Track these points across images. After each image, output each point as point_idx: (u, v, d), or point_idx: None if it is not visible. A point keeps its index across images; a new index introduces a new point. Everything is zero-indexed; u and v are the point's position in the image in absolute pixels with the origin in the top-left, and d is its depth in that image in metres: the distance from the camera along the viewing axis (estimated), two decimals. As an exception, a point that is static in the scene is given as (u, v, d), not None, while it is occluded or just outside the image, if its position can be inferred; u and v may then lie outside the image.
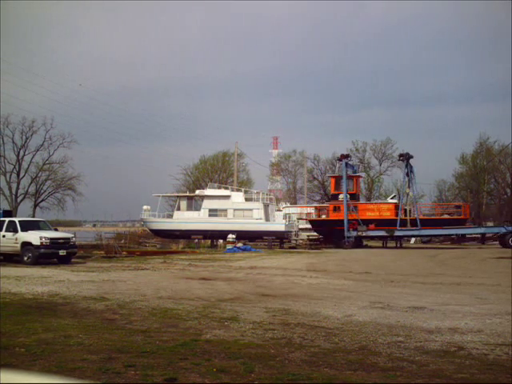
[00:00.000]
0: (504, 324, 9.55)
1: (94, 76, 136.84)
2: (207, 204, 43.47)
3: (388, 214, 41.48)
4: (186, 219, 43.06)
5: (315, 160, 68.86)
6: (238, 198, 44.62)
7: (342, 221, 40.20)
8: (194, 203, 44.50)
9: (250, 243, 39.95)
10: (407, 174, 41.37)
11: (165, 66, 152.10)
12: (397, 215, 40.64)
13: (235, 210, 43.07)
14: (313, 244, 42.16)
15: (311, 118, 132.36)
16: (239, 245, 36.49)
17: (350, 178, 42.70)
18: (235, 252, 33.96)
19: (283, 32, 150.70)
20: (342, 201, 41.42)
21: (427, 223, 40.33)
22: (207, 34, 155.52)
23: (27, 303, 11.86)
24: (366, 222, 40.41)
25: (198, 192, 45.83)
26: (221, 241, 41.61)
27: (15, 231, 24.47)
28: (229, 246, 36.14)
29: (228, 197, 43.93)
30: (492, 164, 62.69)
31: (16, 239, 24.25)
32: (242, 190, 49.70)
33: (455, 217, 41.37)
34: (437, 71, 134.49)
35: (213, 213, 43.22)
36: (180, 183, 66.59)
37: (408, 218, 40.16)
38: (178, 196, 48.52)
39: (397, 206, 41.77)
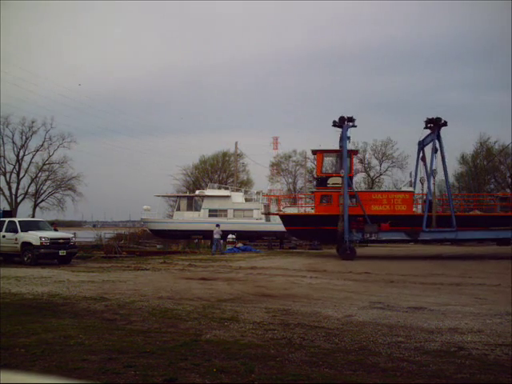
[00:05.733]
0: (504, 324, 9.55)
1: (92, 76, 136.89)
2: (207, 204, 43.52)
3: (403, 208, 29.54)
4: (186, 219, 43.11)
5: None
6: (238, 198, 44.67)
7: (335, 217, 28.16)
8: (194, 203, 44.53)
9: (250, 243, 39.97)
10: (436, 150, 29.30)
11: (161, 59, 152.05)
12: (413, 209, 30.25)
13: (235, 210, 43.12)
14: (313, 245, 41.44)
15: (311, 118, 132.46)
16: (239, 245, 36.50)
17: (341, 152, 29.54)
18: (235, 252, 33.97)
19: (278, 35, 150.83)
20: (334, 187, 29.30)
21: (461, 222, 29.00)
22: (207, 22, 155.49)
23: (27, 303, 11.86)
24: (373, 220, 28.59)
25: (198, 192, 45.87)
26: (221, 241, 41.63)
27: (15, 231, 24.48)
28: (229, 247, 36.15)
29: (228, 197, 43.97)
30: (492, 164, 62.65)
31: (16, 239, 24.26)
32: (242, 190, 49.76)
33: (501, 213, 30.03)
34: (434, 66, 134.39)
35: (213, 213, 43.26)
36: (180, 183, 66.66)
37: (434, 214, 28.96)
38: (178, 196, 48.57)
39: (415, 197, 31.02)
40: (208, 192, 44.62)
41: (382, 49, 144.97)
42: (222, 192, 45.22)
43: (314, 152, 31.83)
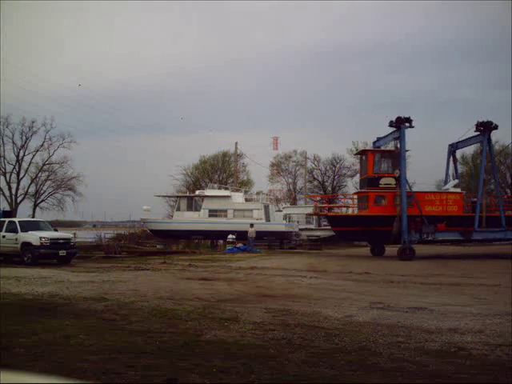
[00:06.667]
0: (504, 324, 9.55)
1: (91, 76, 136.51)
2: (207, 204, 43.50)
3: (455, 209, 30.23)
4: (186, 219, 43.09)
5: (315, 160, 68.84)
6: (238, 198, 44.65)
7: (389, 218, 28.17)
8: (194, 203, 44.53)
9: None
10: (488, 152, 30.16)
11: (162, 60, 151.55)
12: (464, 210, 30.67)
13: (235, 210, 43.09)
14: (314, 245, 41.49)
15: (311, 118, 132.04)
16: (239, 245, 36.49)
17: (396, 154, 29.38)
18: (235, 252, 33.97)
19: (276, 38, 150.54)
20: (387, 187, 29.46)
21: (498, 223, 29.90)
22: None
23: (27, 304, 11.85)
24: (428, 220, 28.85)
25: (198, 192, 45.87)
26: (221, 241, 41.63)
27: (15, 231, 24.49)
28: (229, 247, 36.15)
29: (228, 197, 43.96)
30: (492, 164, 62.53)
31: (16, 239, 24.27)
32: (242, 190, 49.77)
33: None
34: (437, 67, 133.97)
35: (213, 213, 43.24)
36: (180, 183, 66.59)
37: (484, 214, 29.75)
38: (178, 196, 48.57)
39: (466, 198, 31.66)
40: (208, 192, 44.62)
41: (383, 48, 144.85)
42: (222, 192, 45.23)
43: (364, 152, 31.82)
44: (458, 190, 31.66)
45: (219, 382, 6.06)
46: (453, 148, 32.36)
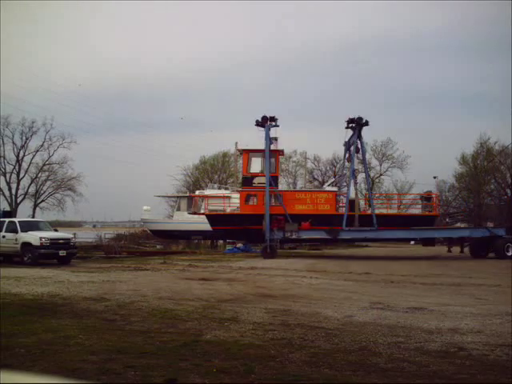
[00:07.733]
0: (504, 325, 9.55)
1: (92, 75, 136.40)
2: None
3: (327, 208, 30.04)
4: (186, 219, 43.10)
5: (315, 161, 68.82)
6: (238, 198, 44.61)
7: (259, 216, 28.36)
8: (193, 203, 44.52)
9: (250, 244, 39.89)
10: (358, 150, 30.12)
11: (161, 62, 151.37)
12: (338, 209, 30.75)
13: (235, 210, 43.07)
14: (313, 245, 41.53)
15: (311, 117, 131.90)
16: (239, 245, 36.49)
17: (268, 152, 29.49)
18: (235, 253, 33.96)
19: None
20: (259, 187, 29.52)
21: (383, 222, 29.26)
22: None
23: (27, 304, 11.86)
24: (296, 219, 28.85)
25: (198, 192, 45.87)
26: (221, 241, 41.61)
27: (15, 232, 24.51)
28: (229, 247, 36.16)
29: (228, 197, 43.95)
30: (492, 164, 62.59)
31: (16, 240, 24.29)
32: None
33: (424, 213, 31.34)
34: (435, 69, 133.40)
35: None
36: (180, 183, 66.63)
37: (356, 213, 29.79)
38: (178, 196, 48.59)
39: (339, 197, 31.64)
40: (208, 192, 44.62)
41: (384, 48, 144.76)
42: (222, 192, 45.22)
43: (241, 151, 32.17)
44: (334, 188, 31.89)
45: (219, 382, 6.06)
46: (347, 146, 32.11)
